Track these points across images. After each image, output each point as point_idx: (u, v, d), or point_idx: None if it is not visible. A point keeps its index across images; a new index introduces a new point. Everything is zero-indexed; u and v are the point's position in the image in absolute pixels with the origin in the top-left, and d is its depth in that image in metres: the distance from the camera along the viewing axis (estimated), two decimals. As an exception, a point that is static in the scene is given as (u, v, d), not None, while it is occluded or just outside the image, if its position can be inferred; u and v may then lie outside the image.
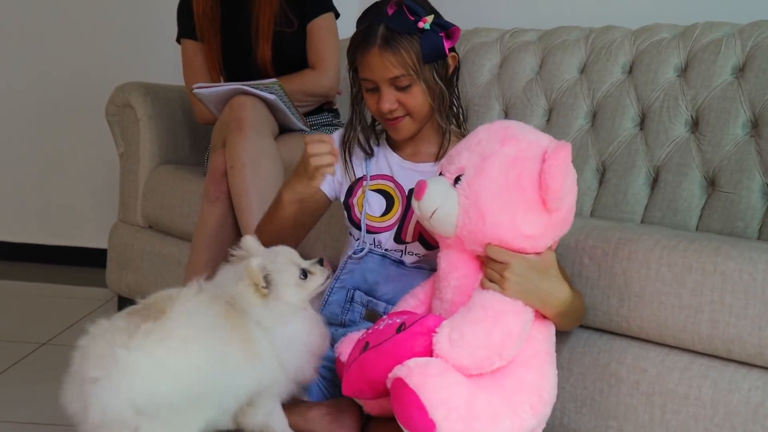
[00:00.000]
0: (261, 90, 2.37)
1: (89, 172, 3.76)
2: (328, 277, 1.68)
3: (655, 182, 2.28)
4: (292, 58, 2.63)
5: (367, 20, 1.76)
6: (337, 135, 1.94)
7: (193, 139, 3.00)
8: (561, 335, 1.79)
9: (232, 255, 1.62)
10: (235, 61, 2.69)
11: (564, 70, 2.57)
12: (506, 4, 3.11)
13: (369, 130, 1.89)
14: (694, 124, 2.24)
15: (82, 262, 3.59)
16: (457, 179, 1.56)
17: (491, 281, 1.52)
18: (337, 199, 1.96)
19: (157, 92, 2.95)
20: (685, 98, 2.27)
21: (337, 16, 2.71)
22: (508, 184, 1.51)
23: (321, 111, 2.70)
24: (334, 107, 2.77)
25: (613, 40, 2.49)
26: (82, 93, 3.68)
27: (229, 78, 2.72)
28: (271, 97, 2.38)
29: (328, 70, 2.63)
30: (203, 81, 2.68)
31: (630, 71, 2.43)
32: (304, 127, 2.55)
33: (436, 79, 1.75)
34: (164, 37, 3.67)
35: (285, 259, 1.63)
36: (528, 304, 1.52)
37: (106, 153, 3.36)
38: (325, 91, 2.63)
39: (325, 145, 1.72)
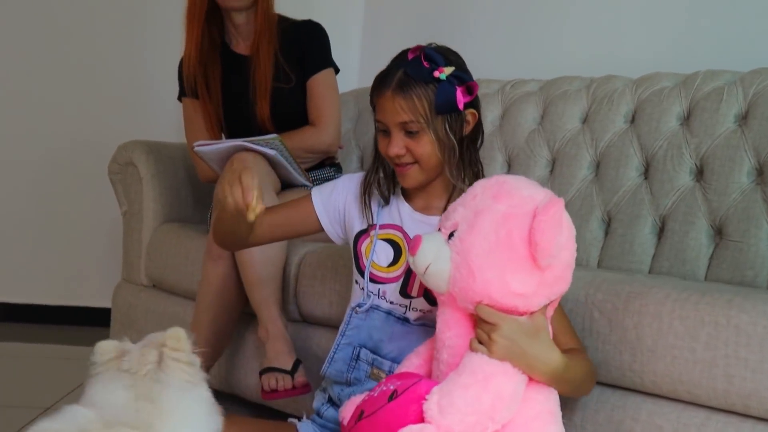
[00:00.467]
0: (262, 146, 2.37)
1: (92, 232, 3.75)
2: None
3: (661, 232, 2.27)
4: (292, 114, 2.63)
5: (391, 64, 1.77)
6: (358, 176, 1.93)
7: (196, 196, 2.99)
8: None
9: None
10: (234, 118, 2.69)
11: (566, 120, 2.57)
12: (506, 55, 3.12)
13: (390, 178, 1.87)
14: (699, 173, 2.24)
15: (86, 322, 3.57)
16: (451, 235, 1.55)
17: (480, 342, 1.50)
18: (341, 238, 1.94)
19: (160, 150, 2.96)
20: (688, 147, 2.26)
21: (337, 71, 2.71)
22: (498, 241, 1.49)
23: (323, 166, 2.70)
24: (336, 161, 2.77)
25: (615, 90, 2.49)
26: (85, 152, 3.69)
27: (230, 135, 2.72)
28: (272, 152, 2.38)
29: (328, 127, 2.63)
30: (204, 137, 2.68)
31: (632, 120, 2.43)
32: (306, 182, 2.54)
33: (448, 131, 1.73)
34: (166, 95, 3.69)
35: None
36: (515, 367, 1.49)
37: (110, 212, 3.36)
38: (325, 147, 2.63)
39: (243, 193, 1.66)
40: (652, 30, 2.70)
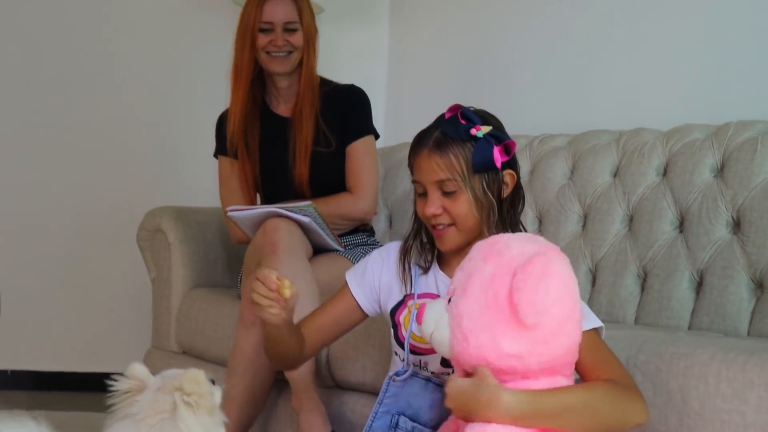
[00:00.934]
0: (295, 212, 2.36)
1: (122, 298, 3.74)
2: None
3: (699, 286, 2.23)
4: (330, 178, 2.62)
5: (430, 125, 1.77)
6: (389, 249, 1.92)
7: (225, 260, 2.98)
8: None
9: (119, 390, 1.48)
10: (272, 180, 2.68)
11: (597, 174, 2.54)
12: (533, 110, 3.11)
13: (428, 246, 1.85)
14: (736, 225, 2.20)
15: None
16: (450, 300, 1.55)
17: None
18: (378, 313, 1.92)
19: (188, 215, 2.95)
20: (724, 199, 2.23)
21: (377, 137, 2.70)
22: (487, 303, 1.48)
23: (356, 231, 2.68)
24: (369, 226, 2.74)
25: (645, 143, 2.47)
26: (114, 218, 3.69)
27: (266, 197, 2.71)
28: (306, 219, 2.37)
29: (366, 195, 2.61)
30: (239, 199, 2.67)
31: (665, 173, 2.40)
32: (339, 247, 2.52)
33: (485, 190, 1.71)
34: (193, 159, 3.72)
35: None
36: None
37: (139, 277, 3.35)
38: (362, 215, 2.61)
39: (264, 285, 1.67)
40: (680, 81, 2.68)
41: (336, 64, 3.21)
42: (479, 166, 1.69)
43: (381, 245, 2.69)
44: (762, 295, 2.09)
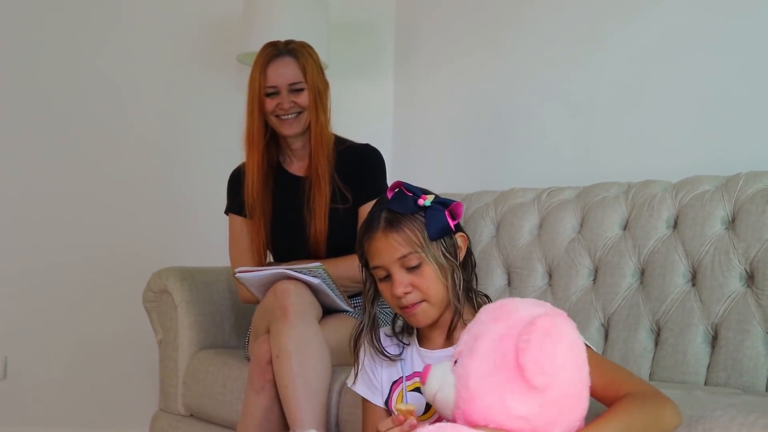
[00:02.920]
0: (305, 274, 2.34)
1: (130, 360, 3.71)
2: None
3: (714, 341, 2.19)
4: (343, 238, 2.59)
5: (372, 210, 1.78)
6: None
7: (232, 321, 2.95)
8: None
9: None
10: (286, 239, 2.66)
11: (606, 227, 2.52)
12: (540, 163, 3.10)
13: (397, 330, 1.86)
14: (750, 278, 2.17)
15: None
16: (456, 362, 1.54)
17: None
18: None
19: (195, 276, 2.93)
20: (736, 251, 2.20)
21: None
22: (495, 364, 1.47)
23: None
24: None
25: (654, 195, 2.45)
26: (120, 279, 3.68)
27: (277, 256, 2.68)
28: (315, 281, 2.35)
29: None
30: (249, 258, 2.65)
31: (675, 225, 2.37)
32: (348, 308, 2.50)
33: (446, 255, 1.73)
34: (200, 219, 3.71)
35: None
36: None
37: (146, 339, 3.32)
38: None
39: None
40: (688, 132, 2.67)
41: (341, 119, 3.20)
42: (435, 233, 1.71)
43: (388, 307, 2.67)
44: (779, 350, 2.05)
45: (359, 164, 2.65)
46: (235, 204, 2.70)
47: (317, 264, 2.35)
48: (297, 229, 2.62)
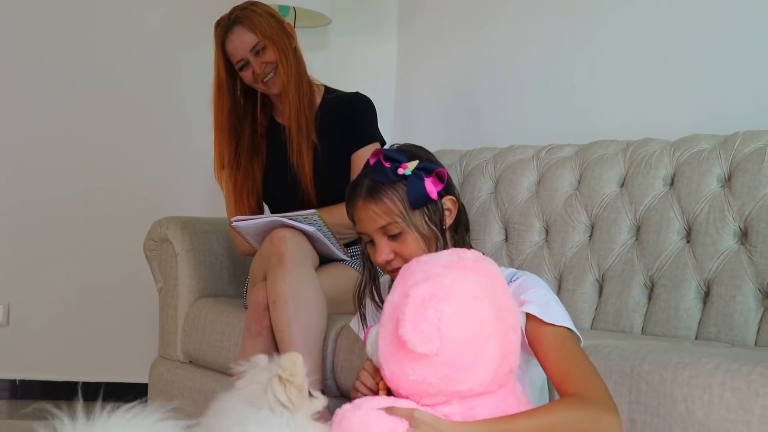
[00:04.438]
0: (300, 222, 2.36)
1: (129, 308, 3.75)
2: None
3: (707, 296, 2.21)
4: (336, 186, 2.61)
5: (359, 175, 1.78)
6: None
7: (231, 270, 2.98)
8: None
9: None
10: (276, 187, 2.69)
11: (603, 184, 2.54)
12: (540, 121, 3.11)
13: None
14: (743, 235, 2.19)
15: (123, 398, 3.55)
16: None
17: None
18: None
19: (194, 225, 2.95)
20: (731, 209, 2.22)
21: (383, 144, 2.70)
22: (392, 331, 1.50)
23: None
24: None
25: (652, 153, 2.46)
26: (121, 229, 3.70)
27: (271, 207, 2.71)
28: (311, 229, 2.36)
29: None
30: (243, 210, 2.68)
31: (672, 183, 2.39)
32: (345, 257, 2.52)
33: (429, 224, 1.72)
34: (199, 170, 3.73)
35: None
36: None
37: (146, 288, 3.35)
38: None
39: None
40: (688, 91, 2.67)
41: (344, 77, 3.22)
42: (415, 202, 1.70)
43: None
44: (769, 305, 2.07)
45: (349, 112, 2.66)
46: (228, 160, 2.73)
47: (312, 211, 2.37)
48: (285, 175, 2.64)
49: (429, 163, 1.74)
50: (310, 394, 1.57)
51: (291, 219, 2.36)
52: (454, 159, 3.03)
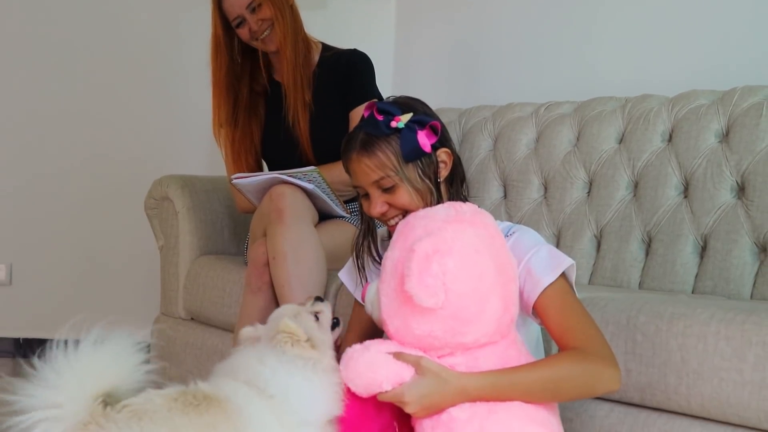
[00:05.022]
0: (300, 179, 2.37)
1: (131, 266, 3.77)
2: (333, 310, 1.73)
3: (703, 251, 2.23)
4: (333, 143, 2.61)
5: (354, 128, 1.77)
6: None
7: (232, 228, 2.99)
8: (621, 415, 1.73)
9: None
10: (274, 144, 2.70)
11: (602, 141, 2.54)
12: (539, 78, 3.10)
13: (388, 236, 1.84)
14: (740, 190, 2.20)
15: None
16: None
17: None
18: None
19: (195, 184, 2.97)
20: (728, 164, 2.23)
21: (381, 101, 2.69)
22: (395, 288, 1.52)
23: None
24: None
25: (651, 109, 2.46)
26: (122, 188, 3.71)
27: (270, 164, 2.72)
28: (310, 186, 2.38)
29: None
30: (241, 167, 2.69)
31: (670, 139, 2.39)
32: (344, 214, 2.53)
33: (422, 177, 1.70)
34: (199, 129, 3.73)
35: (293, 313, 1.67)
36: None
37: (147, 246, 3.37)
38: None
39: None
40: (686, 48, 2.67)
41: (344, 35, 3.20)
42: (409, 155, 1.68)
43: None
44: (765, 259, 2.09)
45: (346, 69, 2.66)
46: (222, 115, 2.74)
47: (312, 168, 2.38)
48: (284, 135, 2.65)
49: (423, 116, 1.72)
50: (316, 318, 1.66)
51: (291, 176, 2.37)
52: (453, 117, 3.03)
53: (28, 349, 3.78)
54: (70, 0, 3.74)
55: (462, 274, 1.48)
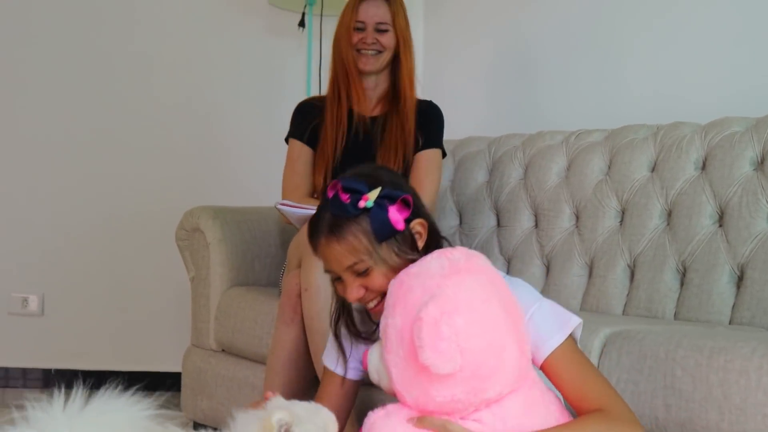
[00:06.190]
0: None
1: (162, 297, 3.78)
2: None
3: (740, 281, 2.20)
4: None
5: (319, 207, 1.66)
6: None
7: (263, 259, 2.99)
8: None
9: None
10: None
11: (634, 169, 2.52)
12: (569, 105, 3.09)
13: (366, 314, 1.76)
14: (777, 219, 2.17)
15: (157, 388, 3.58)
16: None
17: None
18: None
19: (226, 215, 2.97)
20: (764, 192, 2.20)
21: (444, 155, 2.76)
22: (406, 357, 1.45)
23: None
24: None
25: (683, 136, 2.44)
26: (153, 218, 3.73)
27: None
28: None
29: (424, 198, 2.61)
30: (301, 181, 2.72)
31: (703, 167, 2.37)
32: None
33: (399, 254, 1.59)
34: (230, 159, 3.75)
35: (318, 423, 1.49)
36: None
37: (178, 277, 3.38)
38: None
39: None
40: (718, 73, 2.65)
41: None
42: (381, 235, 1.57)
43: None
44: (804, 289, 2.06)
45: (422, 117, 2.73)
46: (298, 131, 2.77)
47: None
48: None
49: (392, 190, 1.60)
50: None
51: None
52: (482, 146, 3.03)
53: (60, 379, 3.80)
54: (104, 27, 3.77)
55: (474, 330, 1.43)
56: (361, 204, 1.57)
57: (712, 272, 2.24)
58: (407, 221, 1.61)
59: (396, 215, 1.58)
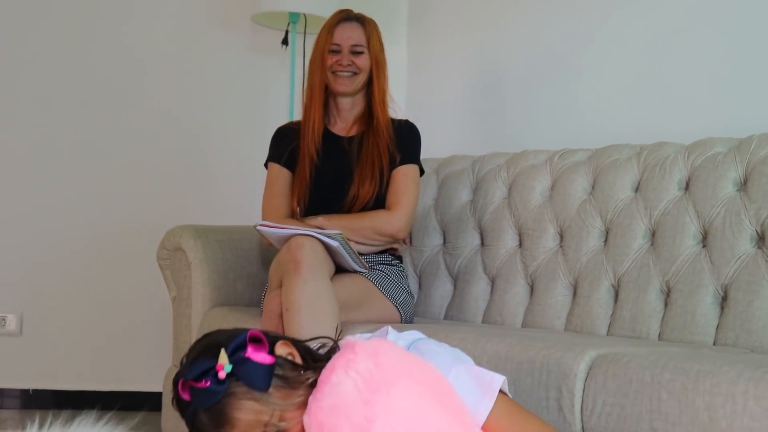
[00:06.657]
0: (323, 237, 2.36)
1: (143, 317, 3.75)
2: None
3: (724, 301, 2.20)
4: (381, 198, 2.68)
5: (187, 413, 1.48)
6: None
7: (245, 279, 2.97)
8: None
9: None
10: (324, 194, 2.70)
11: (618, 189, 2.53)
12: (553, 125, 3.10)
13: None
14: (761, 239, 2.18)
15: (138, 408, 3.55)
16: None
17: None
18: None
19: (208, 234, 2.95)
20: (747, 213, 2.21)
21: (422, 173, 2.77)
22: None
23: (383, 253, 2.68)
24: (398, 254, 2.75)
25: (667, 157, 2.45)
26: (134, 237, 3.70)
27: (307, 210, 2.72)
28: (335, 243, 2.36)
29: (402, 213, 2.63)
30: (280, 202, 2.71)
31: (687, 187, 2.38)
32: (362, 269, 2.52)
33: (293, 386, 1.46)
34: (212, 178, 3.73)
35: None
36: None
37: (159, 296, 3.36)
38: (394, 231, 2.62)
39: None
40: (701, 94, 2.66)
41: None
42: (262, 382, 1.43)
43: (404, 270, 2.69)
44: (788, 310, 2.06)
45: (398, 135, 2.73)
46: (277, 154, 2.77)
47: (337, 231, 2.38)
48: (339, 186, 2.68)
49: (234, 339, 1.46)
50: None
51: (316, 233, 2.35)
52: (466, 164, 3.02)
53: (38, 400, 3.75)
54: (87, 44, 3.75)
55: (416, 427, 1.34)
56: (222, 375, 1.41)
57: (695, 293, 2.24)
58: (271, 351, 1.48)
59: (257, 354, 1.45)
